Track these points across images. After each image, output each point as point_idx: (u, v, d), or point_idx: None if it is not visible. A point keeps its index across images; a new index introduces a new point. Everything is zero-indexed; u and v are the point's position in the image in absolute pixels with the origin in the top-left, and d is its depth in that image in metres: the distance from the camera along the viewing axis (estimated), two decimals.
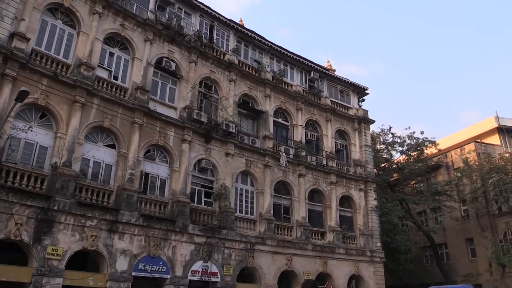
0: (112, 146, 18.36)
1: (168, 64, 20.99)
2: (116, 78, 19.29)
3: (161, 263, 17.77)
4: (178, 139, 20.29)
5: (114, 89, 18.84)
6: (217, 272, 19.55)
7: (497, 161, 34.82)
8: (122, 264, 16.60)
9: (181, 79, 21.60)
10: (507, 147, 40.47)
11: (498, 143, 40.85)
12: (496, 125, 41.40)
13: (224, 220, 20.45)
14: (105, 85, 18.58)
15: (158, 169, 19.70)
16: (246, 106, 24.81)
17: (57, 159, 15.93)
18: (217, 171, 21.61)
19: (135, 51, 20.01)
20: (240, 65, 24.74)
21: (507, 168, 33.29)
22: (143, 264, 17.21)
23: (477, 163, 35.51)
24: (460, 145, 40.06)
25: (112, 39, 19.72)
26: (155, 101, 20.29)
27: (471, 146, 38.28)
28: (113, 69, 19.30)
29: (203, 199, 20.93)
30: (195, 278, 18.82)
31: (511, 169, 33.07)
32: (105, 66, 19.02)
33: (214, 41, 24.28)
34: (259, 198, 23.10)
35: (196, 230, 19.30)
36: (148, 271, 17.31)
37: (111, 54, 19.52)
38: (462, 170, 35.87)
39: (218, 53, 23.90)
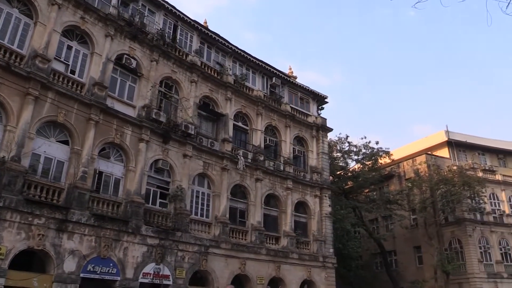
0: (65, 142, 17.70)
1: (128, 61, 20.56)
2: (73, 72, 18.66)
3: (111, 264, 17.29)
4: (135, 138, 19.88)
5: (70, 84, 18.19)
6: (169, 275, 19.26)
7: (445, 173, 36.42)
8: (70, 265, 16.01)
9: (141, 77, 21.20)
10: (455, 160, 42.41)
11: (447, 156, 42.76)
12: (446, 139, 43.33)
13: (179, 222, 20.21)
14: (61, 79, 17.91)
15: (112, 168, 19.19)
16: (207, 108, 24.68)
17: (5, 153, 15.20)
18: (174, 172, 21.32)
19: (95, 45, 19.45)
20: (203, 67, 24.61)
21: (455, 180, 34.88)
22: (93, 265, 16.68)
23: (427, 174, 37.01)
24: (412, 157, 41.63)
25: (71, 32, 19.07)
26: (113, 98, 19.79)
27: (423, 157, 39.88)
28: (70, 63, 18.64)
29: (158, 200, 20.59)
30: (146, 281, 18.46)
31: (458, 181, 34.64)
32: (62, 59, 18.33)
33: (177, 41, 24.02)
34: (215, 201, 23.01)
35: (149, 232, 18.94)
36: (98, 272, 16.79)
37: (69, 47, 18.85)
38: (413, 181, 37.27)
39: (181, 54, 23.67)
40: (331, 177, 33.82)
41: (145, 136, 20.09)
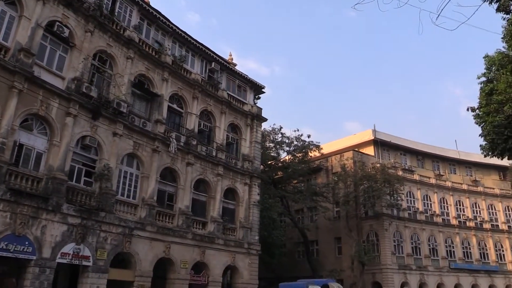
0: None
1: (60, 29, 19.28)
2: None
3: (26, 243, 16.31)
4: (62, 111, 18.77)
5: None
6: (90, 256, 18.57)
7: (369, 170, 38.39)
8: None
9: (73, 47, 19.99)
10: (379, 158, 44.87)
11: (373, 153, 45.13)
12: (373, 138, 45.70)
13: (104, 202, 19.50)
14: None
15: (35, 141, 18.01)
16: (141, 87, 23.90)
17: None
18: (102, 150, 20.47)
19: (24, 8, 17.97)
20: (140, 44, 23.73)
21: (377, 177, 36.89)
22: (6, 243, 15.61)
23: (352, 170, 38.79)
24: (340, 152, 43.41)
25: None
26: (41, 67, 18.48)
27: (350, 154, 41.72)
28: None
29: (83, 178, 19.69)
30: (65, 261, 17.67)
31: (380, 178, 36.69)
32: None
33: (116, 14, 22.92)
34: (143, 183, 22.47)
35: (71, 210, 18.09)
36: (11, 250, 15.76)
37: None
38: (339, 175, 38.91)
39: (118, 27, 22.62)
40: (262, 166, 34.36)
41: (73, 110, 19.05)
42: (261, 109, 32.22)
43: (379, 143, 46.15)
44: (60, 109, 18.68)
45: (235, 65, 32.08)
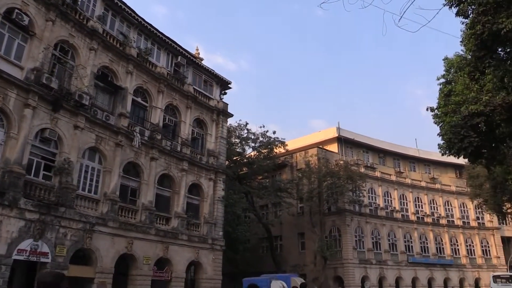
0: None
1: (20, 17, 18.50)
2: None
3: None
4: (20, 102, 18.06)
5: None
6: (48, 252, 18.03)
7: (333, 167, 39.05)
8: None
9: (33, 36, 19.25)
10: (343, 155, 45.70)
11: (336, 151, 45.92)
12: (337, 135, 46.48)
13: (64, 197, 18.94)
14: None
15: None
16: (105, 79, 23.33)
17: None
18: (62, 143, 19.85)
19: None
20: (104, 35, 23.12)
21: (340, 173, 37.58)
22: None
23: (316, 167, 39.33)
24: (305, 149, 43.92)
25: None
26: None
27: (314, 150, 42.29)
28: None
29: (42, 172, 19.05)
30: (22, 258, 17.08)
31: (343, 175, 37.40)
32: None
33: (79, 3, 22.22)
34: (105, 177, 21.98)
35: (29, 205, 17.47)
36: None
37: None
38: (304, 171, 39.37)
39: (81, 17, 21.93)
40: (227, 162, 34.32)
41: (32, 102, 18.37)
42: (227, 104, 32.17)
43: (343, 141, 47.02)
44: (18, 100, 17.97)
45: (201, 59, 31.82)
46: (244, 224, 37.05)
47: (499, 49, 12.98)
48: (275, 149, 40.26)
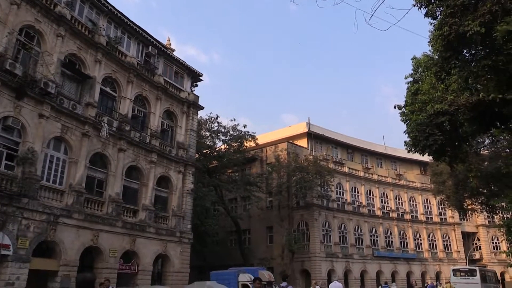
0: None
1: None
2: None
3: None
4: None
5: None
6: (10, 245, 17.42)
7: (302, 161, 39.43)
8: None
9: None
10: (312, 150, 46.21)
11: (306, 146, 46.36)
12: (307, 130, 46.91)
13: (27, 187, 18.35)
14: None
15: None
16: (72, 67, 22.67)
17: None
18: (25, 132, 19.20)
19: None
20: (72, 21, 22.43)
21: (309, 168, 37.99)
22: None
23: (286, 161, 39.63)
24: (275, 143, 44.15)
25: None
26: None
27: (284, 145, 42.57)
28: None
29: (4, 162, 18.37)
30: None
31: (312, 170, 37.82)
32: None
33: None
34: (71, 168, 21.43)
35: None
36: None
37: None
38: (273, 166, 39.62)
39: (48, 2, 21.14)
40: (197, 154, 34.11)
41: None
42: (198, 97, 31.89)
43: (313, 136, 47.51)
44: None
45: (173, 50, 31.41)
46: (213, 217, 37.02)
47: (465, 51, 13.36)
48: (245, 143, 40.29)
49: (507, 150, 23.24)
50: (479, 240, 55.31)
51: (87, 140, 22.20)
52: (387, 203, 48.25)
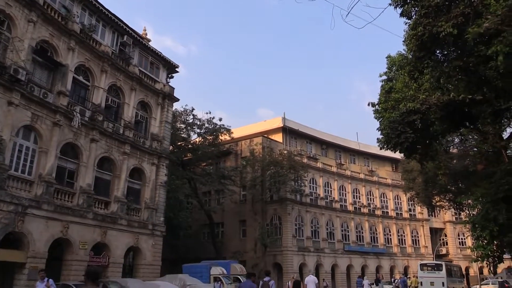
0: None
1: None
2: None
3: None
4: None
5: None
6: None
7: (276, 156, 39.63)
8: None
9: None
10: (287, 145, 46.47)
11: (281, 140, 46.60)
12: (282, 125, 47.12)
13: None
14: None
15: None
16: (44, 54, 22.05)
17: None
18: None
19: None
20: (45, 7, 21.76)
21: (283, 163, 38.23)
22: None
23: (261, 155, 39.75)
24: (250, 137, 44.20)
25: None
26: None
27: (259, 139, 42.67)
28: None
29: None
30: None
31: (286, 165, 38.08)
32: None
33: None
34: (41, 158, 20.91)
35: None
36: None
37: None
38: (248, 160, 39.69)
39: None
40: (171, 147, 33.84)
41: None
42: (174, 88, 31.57)
43: (288, 131, 47.77)
44: None
45: (149, 40, 30.93)
46: (186, 210, 36.87)
47: (437, 51, 13.67)
48: (220, 136, 40.18)
49: (475, 149, 23.92)
50: (446, 236, 57.01)
51: (58, 130, 21.68)
52: (359, 199, 49.09)
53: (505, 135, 20.21)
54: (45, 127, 21.16)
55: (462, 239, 56.41)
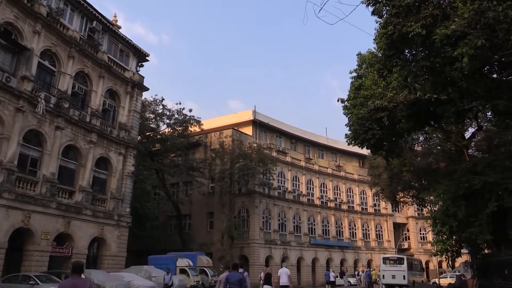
0: None
1: None
2: None
3: None
4: None
5: None
6: None
7: (246, 149, 39.65)
8: None
9: None
10: (257, 138, 46.56)
11: (251, 133, 46.63)
12: (252, 118, 47.15)
13: None
14: None
15: None
16: (8, 37, 21.20)
17: None
18: None
19: None
20: None
21: (253, 156, 38.29)
22: None
23: (230, 148, 39.66)
24: (221, 129, 44.00)
25: None
26: None
27: (229, 132, 42.56)
28: None
29: None
30: None
31: (255, 158, 38.15)
32: None
33: None
34: (2, 145, 20.18)
35: None
36: None
37: None
38: (217, 152, 39.52)
39: None
40: (139, 137, 33.33)
41: None
42: (143, 77, 31.04)
43: (258, 124, 47.83)
44: None
45: (119, 27, 30.24)
46: (153, 201, 36.47)
47: (406, 51, 13.98)
48: (190, 128, 39.87)
49: (439, 147, 24.66)
50: (408, 230, 58.75)
51: (21, 116, 20.97)
52: (326, 193, 49.80)
53: (467, 134, 20.95)
54: (8, 112, 20.43)
55: (423, 234, 58.26)
